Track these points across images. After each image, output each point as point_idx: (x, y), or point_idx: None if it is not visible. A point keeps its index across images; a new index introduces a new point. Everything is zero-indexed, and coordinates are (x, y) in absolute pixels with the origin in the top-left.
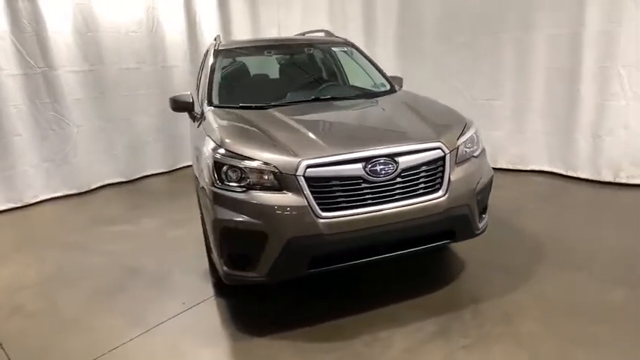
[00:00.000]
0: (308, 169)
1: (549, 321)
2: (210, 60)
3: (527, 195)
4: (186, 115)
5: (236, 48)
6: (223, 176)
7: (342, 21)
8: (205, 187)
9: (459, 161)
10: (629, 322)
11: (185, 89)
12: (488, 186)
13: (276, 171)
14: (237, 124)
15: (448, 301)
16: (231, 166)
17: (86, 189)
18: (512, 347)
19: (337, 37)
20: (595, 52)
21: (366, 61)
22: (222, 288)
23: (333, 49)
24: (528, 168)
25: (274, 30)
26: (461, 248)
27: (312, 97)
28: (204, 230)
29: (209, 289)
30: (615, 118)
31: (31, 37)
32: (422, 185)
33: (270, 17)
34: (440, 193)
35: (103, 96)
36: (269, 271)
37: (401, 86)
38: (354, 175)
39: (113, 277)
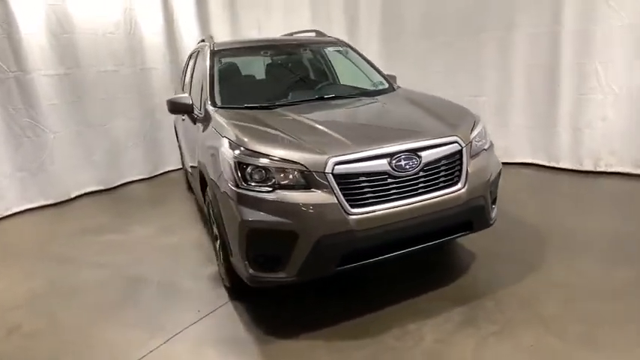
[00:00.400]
0: (336, 166)
1: (567, 303)
2: (207, 61)
3: (517, 186)
4: (169, 118)
5: (232, 48)
6: (247, 177)
7: (324, 22)
8: (226, 188)
9: (472, 154)
10: None
11: (165, 92)
12: (497, 178)
13: (304, 169)
14: (252, 124)
15: (467, 291)
16: (256, 167)
17: (64, 198)
18: (539, 331)
19: (330, 37)
20: (572, 50)
21: (362, 60)
22: (237, 292)
23: (329, 49)
24: (514, 160)
25: (254, 32)
26: (466, 240)
27: (316, 96)
28: (219, 234)
29: (222, 295)
30: (593, 111)
31: (2, 39)
32: (442, 178)
33: (249, 19)
34: (459, 185)
35: (81, 100)
36: (299, 271)
37: (396, 84)
38: (381, 171)
39: (115, 289)
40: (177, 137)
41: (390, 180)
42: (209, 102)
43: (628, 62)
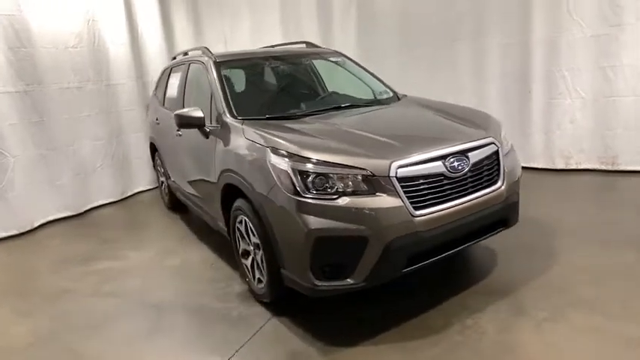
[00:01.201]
0: (399, 170)
1: (598, 284)
2: (214, 73)
3: None
4: (137, 136)
5: (236, 60)
6: (310, 185)
7: (296, 37)
8: (283, 199)
9: (504, 154)
10: None
11: (132, 109)
12: (521, 176)
13: (369, 174)
14: (295, 133)
15: (503, 284)
16: (319, 174)
17: (28, 228)
18: (586, 312)
19: (324, 47)
20: (542, 58)
21: (363, 70)
22: (278, 308)
23: (330, 59)
24: None
25: (220, 45)
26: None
27: (333, 105)
28: (262, 248)
29: (260, 312)
30: (562, 114)
31: None
32: (486, 178)
33: (215, 32)
34: (499, 183)
35: (43, 120)
36: (367, 277)
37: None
38: (437, 172)
39: (140, 318)
40: (153, 155)
41: (445, 181)
42: (227, 114)
43: (591, 69)
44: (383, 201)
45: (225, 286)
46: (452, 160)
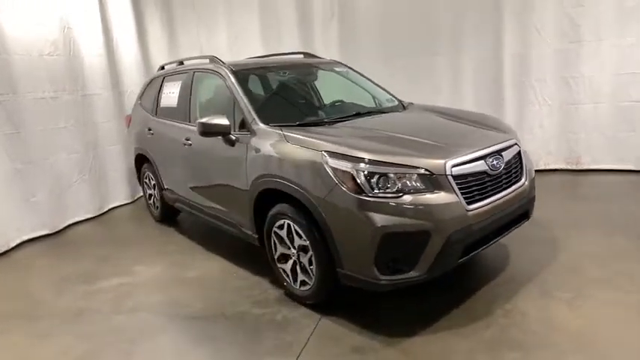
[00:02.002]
0: (453, 168)
1: (604, 266)
2: (233, 81)
3: None
4: (114, 148)
5: (250, 68)
6: (374, 185)
7: (276, 49)
8: (347, 200)
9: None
10: None
11: (108, 119)
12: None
13: (428, 173)
14: (345, 138)
15: (522, 272)
16: (382, 174)
17: (4, 249)
18: (605, 290)
19: (323, 58)
20: (513, 70)
21: (367, 80)
22: (325, 307)
23: (336, 69)
24: None
25: (195, 53)
26: None
27: (353, 112)
28: (313, 250)
29: (307, 313)
30: (532, 119)
31: None
32: (513, 175)
33: (191, 42)
34: (523, 179)
35: (19, 132)
36: (429, 269)
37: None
38: (481, 170)
39: (176, 331)
40: (139, 168)
41: (487, 178)
42: (258, 121)
43: (556, 79)
44: (442, 197)
45: (258, 292)
46: (491, 159)
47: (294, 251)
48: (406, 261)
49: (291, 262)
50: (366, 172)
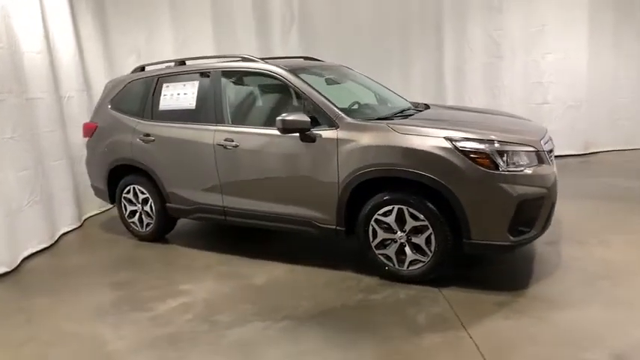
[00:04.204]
0: (545, 145)
1: (607, 224)
2: (295, 78)
3: None
4: (62, 162)
5: (297, 68)
6: (506, 161)
7: (230, 51)
8: (485, 176)
9: None
10: None
11: (53, 129)
12: None
13: (534, 149)
14: (451, 124)
15: (550, 235)
16: (511, 152)
17: None
18: (620, 237)
19: (324, 61)
20: (452, 81)
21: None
22: (430, 282)
23: (353, 71)
24: None
25: (133, 58)
26: None
27: (397, 110)
28: (379, 243)
29: (421, 290)
30: None
31: None
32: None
33: (126, 43)
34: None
35: None
36: (542, 227)
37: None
38: (550, 149)
39: (293, 333)
40: (116, 180)
41: (550, 154)
42: (345, 116)
43: (483, 88)
44: (546, 169)
45: (354, 283)
46: (548, 139)
47: (402, 234)
48: (529, 223)
49: (395, 245)
50: (499, 151)
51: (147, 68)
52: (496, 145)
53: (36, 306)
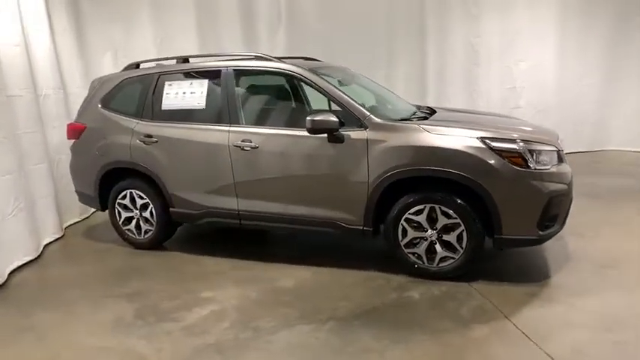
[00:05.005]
0: (560, 145)
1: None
2: (319, 79)
3: None
4: (42, 166)
5: (313, 69)
6: (537, 160)
7: (215, 49)
8: (517, 173)
9: None
10: None
11: (34, 129)
12: None
13: (556, 149)
14: (479, 125)
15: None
16: (539, 151)
17: None
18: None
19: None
20: (434, 83)
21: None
22: (458, 278)
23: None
24: None
25: (109, 56)
26: None
27: (412, 111)
28: (408, 242)
29: (452, 286)
30: None
31: None
32: None
33: (102, 39)
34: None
35: None
36: (562, 222)
37: None
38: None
39: (368, 326)
40: (109, 185)
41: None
42: (373, 117)
43: (462, 92)
44: (565, 167)
45: (384, 282)
46: (561, 140)
47: (432, 232)
48: (553, 218)
49: (425, 244)
50: (530, 151)
51: (142, 65)
52: (526, 145)
53: (41, 322)
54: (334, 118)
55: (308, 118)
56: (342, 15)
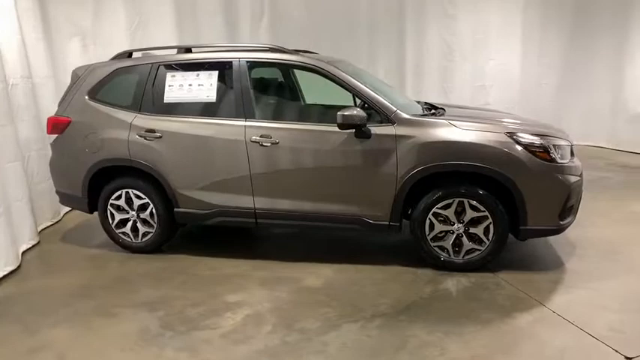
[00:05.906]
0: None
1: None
2: (341, 72)
3: None
4: (15, 165)
5: (334, 62)
6: (559, 154)
7: (194, 38)
8: (543, 166)
9: None
10: None
11: (4, 123)
12: None
13: (572, 144)
14: (501, 121)
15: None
16: (559, 146)
17: None
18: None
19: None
20: (412, 80)
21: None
22: (477, 269)
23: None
24: None
25: (76, 41)
26: None
27: (427, 106)
28: (435, 236)
29: (479, 276)
30: None
31: None
32: None
33: (68, 24)
34: None
35: None
36: (575, 214)
37: None
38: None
39: (415, 322)
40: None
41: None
42: (401, 112)
43: (437, 88)
44: (577, 161)
45: (412, 277)
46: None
47: (459, 225)
48: (570, 208)
49: (452, 237)
50: (554, 145)
51: (135, 54)
52: (550, 139)
53: (55, 340)
54: (362, 113)
55: (339, 113)
56: (323, 7)
